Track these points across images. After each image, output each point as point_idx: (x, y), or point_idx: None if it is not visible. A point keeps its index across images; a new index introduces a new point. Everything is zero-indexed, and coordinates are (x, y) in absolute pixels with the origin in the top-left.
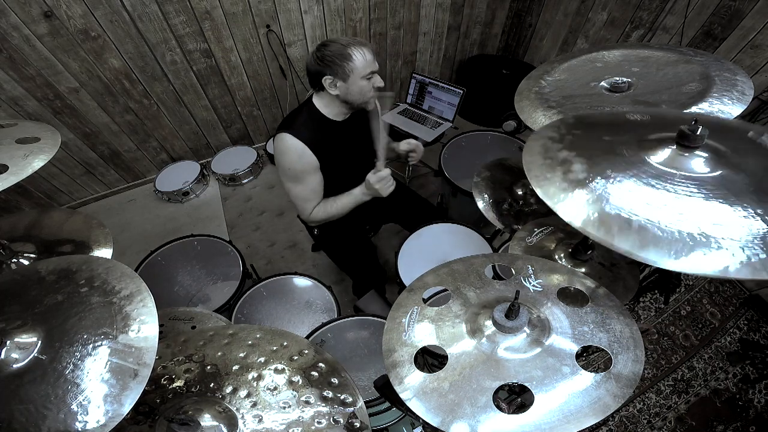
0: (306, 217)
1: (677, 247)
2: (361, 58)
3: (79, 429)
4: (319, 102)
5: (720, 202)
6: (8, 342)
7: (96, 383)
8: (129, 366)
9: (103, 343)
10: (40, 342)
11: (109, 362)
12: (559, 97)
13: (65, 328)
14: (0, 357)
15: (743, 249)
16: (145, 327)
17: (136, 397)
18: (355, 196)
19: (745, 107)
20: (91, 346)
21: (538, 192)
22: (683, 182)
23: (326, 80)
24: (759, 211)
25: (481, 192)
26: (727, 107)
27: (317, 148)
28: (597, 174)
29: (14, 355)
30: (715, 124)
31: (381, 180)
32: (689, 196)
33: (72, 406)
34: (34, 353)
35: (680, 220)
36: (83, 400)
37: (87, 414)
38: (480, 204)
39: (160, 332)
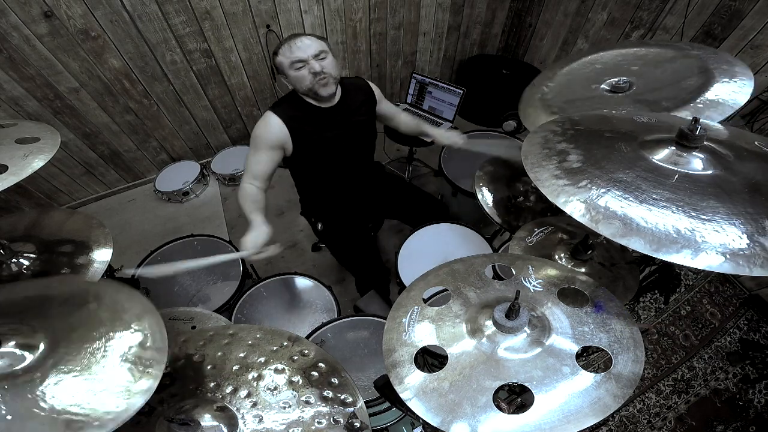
0: (240, 185)
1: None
2: (284, 52)
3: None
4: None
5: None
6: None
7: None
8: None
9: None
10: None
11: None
12: (561, 102)
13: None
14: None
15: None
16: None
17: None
18: (255, 217)
19: (747, 99)
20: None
21: (529, 174)
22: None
23: (280, 77)
24: (750, 209)
25: (482, 186)
26: (729, 96)
27: (295, 127)
28: (591, 165)
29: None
30: (719, 131)
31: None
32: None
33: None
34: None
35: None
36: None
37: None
38: (480, 198)
39: None
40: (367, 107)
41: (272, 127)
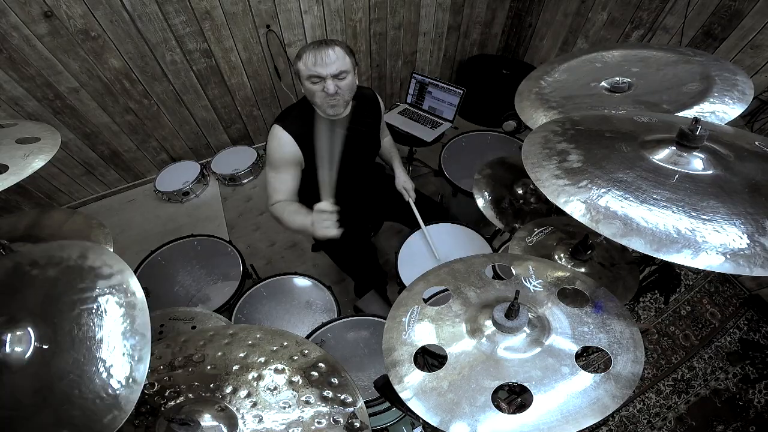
0: (268, 206)
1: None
2: (306, 60)
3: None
4: None
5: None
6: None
7: (111, 328)
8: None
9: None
10: (33, 341)
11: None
12: (560, 97)
13: (58, 326)
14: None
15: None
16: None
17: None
18: (303, 222)
19: (746, 107)
20: (82, 307)
21: (530, 174)
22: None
23: (296, 78)
24: (750, 209)
25: (481, 189)
26: (727, 107)
27: (304, 142)
28: (592, 165)
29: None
30: (720, 131)
31: (320, 214)
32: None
33: (104, 357)
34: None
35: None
36: (108, 347)
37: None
38: (480, 201)
39: (160, 332)
40: (373, 119)
41: (287, 147)
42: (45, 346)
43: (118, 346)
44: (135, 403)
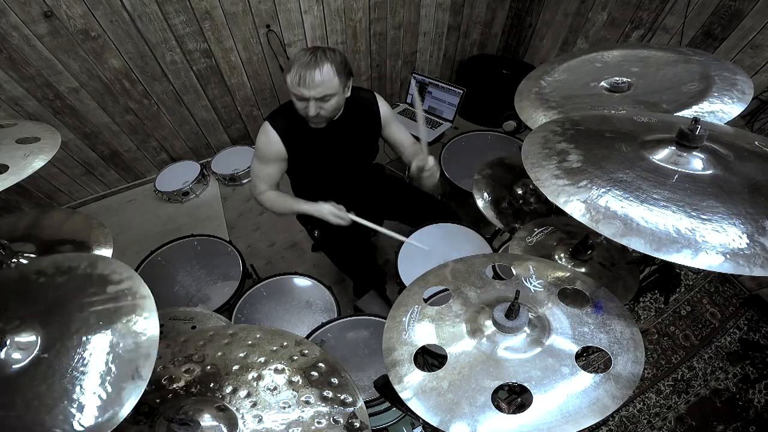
0: (255, 195)
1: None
2: (292, 77)
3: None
4: None
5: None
6: (8, 341)
7: (96, 381)
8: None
9: (103, 334)
10: (40, 340)
11: (110, 356)
12: (559, 97)
13: (65, 326)
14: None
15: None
16: (144, 321)
17: (137, 397)
18: (303, 205)
19: (745, 106)
20: (90, 344)
21: (530, 174)
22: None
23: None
24: (750, 209)
25: (481, 190)
26: (727, 106)
27: (289, 141)
28: (591, 165)
29: (15, 356)
30: (720, 131)
31: (335, 214)
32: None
33: (71, 407)
34: (36, 352)
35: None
36: (81, 400)
37: (83, 413)
38: (479, 202)
39: (161, 332)
40: (368, 128)
41: (272, 144)
42: (47, 350)
43: (124, 343)
44: (137, 399)
